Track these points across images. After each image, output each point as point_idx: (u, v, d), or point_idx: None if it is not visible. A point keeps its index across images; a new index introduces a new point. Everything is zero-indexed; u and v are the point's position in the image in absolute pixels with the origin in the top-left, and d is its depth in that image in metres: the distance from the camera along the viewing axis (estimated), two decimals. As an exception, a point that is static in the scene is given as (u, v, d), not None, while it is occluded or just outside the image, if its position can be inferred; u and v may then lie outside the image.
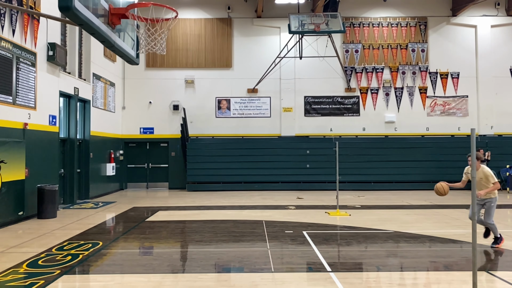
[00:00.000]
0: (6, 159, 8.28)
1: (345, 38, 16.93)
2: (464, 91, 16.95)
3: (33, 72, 9.56)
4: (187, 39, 16.77)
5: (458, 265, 5.57)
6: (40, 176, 9.73)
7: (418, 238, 7.22)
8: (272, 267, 5.41)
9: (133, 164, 16.69)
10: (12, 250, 6.41)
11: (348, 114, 16.86)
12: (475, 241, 4.15)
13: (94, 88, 13.48)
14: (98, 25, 4.39)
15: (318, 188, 15.39)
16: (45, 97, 10.16)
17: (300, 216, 9.59)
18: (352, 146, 15.98)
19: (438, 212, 10.14)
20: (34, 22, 9.62)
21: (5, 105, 8.48)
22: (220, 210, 10.79)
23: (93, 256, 6.05)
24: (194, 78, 16.71)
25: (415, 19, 17.04)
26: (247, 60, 16.84)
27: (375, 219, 9.20)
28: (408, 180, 15.79)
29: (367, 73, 16.93)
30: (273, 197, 13.51)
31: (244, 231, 7.87)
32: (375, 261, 5.76)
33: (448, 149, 15.96)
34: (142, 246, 6.93)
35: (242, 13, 16.94)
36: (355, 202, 12.03)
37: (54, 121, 10.62)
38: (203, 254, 6.23)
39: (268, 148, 16.09)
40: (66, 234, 7.62)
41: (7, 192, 8.34)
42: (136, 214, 10.17)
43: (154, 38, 4.56)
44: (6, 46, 8.53)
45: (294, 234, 7.51)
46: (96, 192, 13.51)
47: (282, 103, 16.75)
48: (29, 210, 9.18)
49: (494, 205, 6.49)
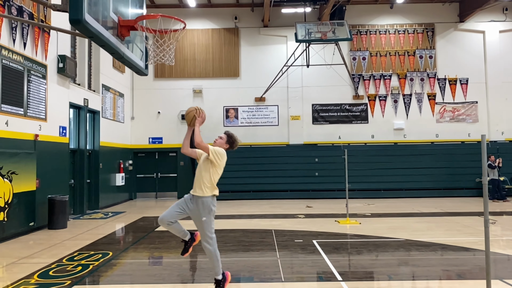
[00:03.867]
0: (17, 170, 8.38)
1: (352, 45, 16.94)
2: (474, 97, 16.81)
3: (43, 84, 9.70)
4: (195, 49, 16.91)
5: (471, 274, 5.48)
6: (51, 187, 9.81)
7: (429, 246, 7.12)
8: (282, 277, 5.37)
9: (142, 174, 16.76)
10: (23, 261, 6.45)
11: (357, 121, 16.80)
12: (488, 249, 4.09)
13: (104, 99, 13.62)
14: (107, 37, 4.45)
15: (327, 197, 15.30)
16: (56, 109, 10.28)
17: (310, 225, 9.53)
18: (361, 154, 15.90)
19: (449, 220, 10.02)
20: (45, 35, 9.79)
21: (17, 117, 8.60)
22: (229, 219, 10.77)
23: (103, 266, 6.06)
24: (202, 87, 16.81)
25: (422, 26, 17.01)
26: (254, 69, 16.91)
27: (386, 227, 9.11)
28: (418, 187, 15.64)
29: (375, 80, 16.89)
30: (282, 205, 13.45)
31: (253, 240, 7.83)
32: (387, 270, 5.69)
33: (458, 155, 15.81)
34: (151, 256, 6.93)
35: (249, 23, 17.07)
36: (365, 210, 11.93)
37: (64, 132, 10.74)
38: (213, 263, 6.20)
39: (277, 157, 16.06)
40: (76, 244, 7.65)
41: (18, 203, 8.42)
42: (145, 224, 10.18)
43: (163, 49, 4.61)
44: (18, 59, 8.68)
45: (304, 243, 7.45)
46: (106, 202, 13.57)
47: (289, 111, 16.75)
48: (40, 220, 9.24)
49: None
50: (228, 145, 5.04)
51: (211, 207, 4.51)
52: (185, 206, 4.53)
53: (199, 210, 4.47)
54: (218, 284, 4.57)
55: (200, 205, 4.47)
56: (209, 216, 4.49)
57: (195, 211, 4.49)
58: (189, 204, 4.54)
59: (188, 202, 4.55)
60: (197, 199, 4.49)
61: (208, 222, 4.48)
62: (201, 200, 4.47)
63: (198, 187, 4.52)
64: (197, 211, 4.48)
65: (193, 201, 4.53)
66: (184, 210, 4.54)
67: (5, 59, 8.24)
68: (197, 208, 4.48)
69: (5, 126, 8.20)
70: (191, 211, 4.52)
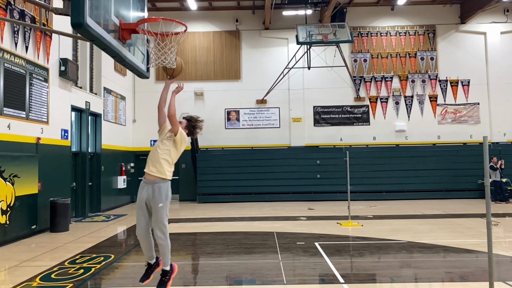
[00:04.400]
0: (19, 173, 8.39)
1: (353, 47, 16.95)
2: (475, 98, 16.79)
3: (45, 87, 9.73)
4: (196, 52, 16.94)
5: (474, 276, 5.46)
6: (53, 189, 9.82)
7: (432, 248, 7.10)
8: (284, 279, 5.36)
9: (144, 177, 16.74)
10: (25, 264, 6.45)
11: (358, 123, 16.79)
12: (491, 251, 4.07)
13: (105, 102, 13.65)
14: (109, 41, 4.46)
15: (329, 199, 15.27)
16: (57, 112, 10.31)
17: (312, 227, 9.51)
18: (362, 156, 15.88)
19: (451, 222, 9.99)
20: (47, 39, 9.82)
21: (19, 120, 8.62)
22: (230, 221, 10.76)
23: (105, 269, 6.06)
24: (203, 90, 16.84)
25: (423, 27, 17.01)
26: (255, 71, 16.93)
27: (388, 229, 9.09)
28: (420, 189, 15.59)
29: (376, 82, 16.89)
30: (283, 208, 13.44)
31: (255, 243, 7.83)
32: (389, 272, 5.67)
33: (460, 157, 15.77)
34: (153, 258, 6.92)
35: (250, 25, 17.10)
36: (367, 212, 11.91)
37: (66, 135, 10.76)
38: (215, 266, 6.21)
39: (278, 159, 16.05)
40: (78, 247, 7.66)
41: (20, 206, 8.43)
42: (147, 227, 10.17)
43: (164, 52, 4.62)
44: (20, 63, 8.71)
45: (305, 245, 7.44)
46: (108, 205, 13.58)
47: (291, 113, 16.76)
48: (42, 223, 9.25)
49: None
50: (187, 130, 4.61)
51: (168, 192, 4.31)
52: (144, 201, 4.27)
53: (156, 196, 4.22)
54: (165, 275, 4.44)
55: (156, 190, 4.23)
56: (166, 202, 4.30)
57: (152, 197, 4.22)
58: (145, 193, 4.26)
59: (144, 190, 4.28)
60: (154, 184, 4.24)
61: (164, 208, 4.26)
62: (158, 185, 4.24)
63: (156, 168, 4.25)
64: (154, 197, 4.22)
65: (149, 186, 4.26)
66: (146, 206, 4.30)
67: (7, 63, 8.27)
68: (154, 193, 4.22)
69: (7, 129, 8.22)
70: (148, 199, 4.25)
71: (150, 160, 4.34)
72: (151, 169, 4.27)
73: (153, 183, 4.26)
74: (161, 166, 4.27)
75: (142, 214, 4.33)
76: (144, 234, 4.36)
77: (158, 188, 4.24)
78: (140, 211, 4.34)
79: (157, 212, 4.25)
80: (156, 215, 4.26)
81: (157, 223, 4.27)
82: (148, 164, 4.33)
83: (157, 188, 4.24)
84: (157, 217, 4.26)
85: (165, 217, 4.29)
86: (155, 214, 4.27)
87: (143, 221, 4.33)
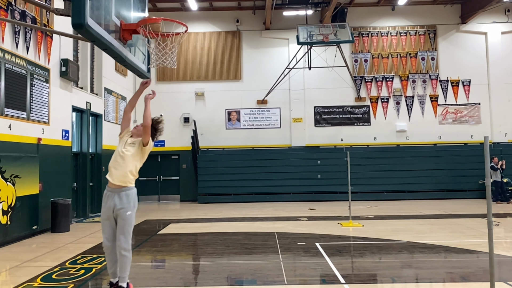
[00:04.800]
0: (20, 174, 8.40)
1: (354, 47, 16.95)
2: (476, 98, 16.78)
3: (46, 87, 9.74)
4: (197, 52, 16.95)
5: (475, 276, 5.45)
6: (54, 190, 9.83)
7: (433, 248, 7.10)
8: (285, 280, 5.36)
9: (145, 177, 16.77)
10: (27, 264, 6.45)
11: (359, 123, 16.79)
12: (492, 251, 4.07)
13: (106, 102, 13.66)
14: (110, 41, 4.46)
15: (330, 199, 15.26)
16: (58, 112, 10.32)
17: (313, 227, 9.51)
18: (363, 156, 15.88)
19: (452, 222, 9.98)
20: (48, 39, 9.83)
21: (20, 121, 8.63)
22: (231, 222, 10.76)
23: (106, 269, 6.05)
24: (204, 90, 16.85)
25: (424, 28, 17.00)
26: (256, 71, 16.94)
27: (389, 229, 9.08)
28: (421, 189, 15.58)
29: (377, 82, 16.89)
30: (284, 208, 13.43)
31: (256, 243, 7.82)
32: (390, 273, 5.67)
33: (461, 157, 15.76)
34: (154, 259, 6.93)
35: (251, 26, 17.10)
36: (368, 213, 11.90)
37: (67, 136, 10.77)
38: (215, 266, 6.20)
39: (279, 159, 16.05)
40: (79, 247, 7.66)
41: (21, 207, 8.44)
42: (148, 227, 10.19)
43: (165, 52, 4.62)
44: (21, 63, 8.72)
45: (306, 246, 7.44)
46: (109, 205, 13.57)
47: (292, 113, 16.76)
48: (43, 224, 9.26)
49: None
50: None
51: (136, 199, 4.14)
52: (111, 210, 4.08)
53: (124, 203, 4.04)
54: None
55: (124, 198, 4.06)
56: (134, 210, 4.13)
57: (120, 205, 4.03)
58: (111, 202, 4.05)
59: (110, 199, 4.08)
60: (121, 192, 4.06)
61: (132, 217, 4.10)
62: (125, 193, 4.08)
63: (122, 176, 4.06)
64: (121, 205, 4.03)
65: (115, 194, 4.07)
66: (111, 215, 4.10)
67: (8, 63, 8.28)
68: (122, 201, 4.04)
69: (8, 129, 8.23)
70: (115, 208, 4.04)
71: (114, 168, 4.14)
72: (116, 179, 4.08)
73: (119, 192, 4.09)
74: (127, 176, 4.11)
75: (109, 225, 4.13)
76: (111, 245, 4.16)
77: (126, 196, 4.09)
78: (107, 221, 4.13)
79: (124, 221, 4.05)
80: (123, 224, 4.06)
81: (123, 233, 4.06)
82: (112, 172, 4.13)
83: (125, 196, 4.09)
84: (124, 227, 4.06)
85: (132, 226, 4.11)
86: (121, 224, 4.06)
87: (110, 232, 4.13)
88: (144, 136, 4.19)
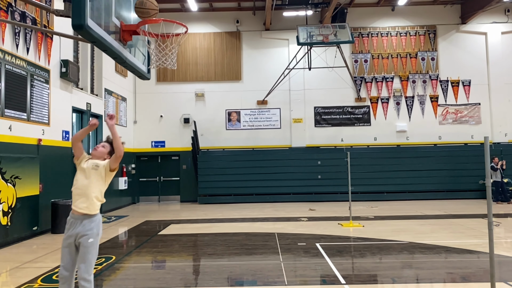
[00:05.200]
0: (20, 174, 8.41)
1: (354, 48, 16.95)
2: (476, 98, 16.78)
3: (46, 88, 9.75)
4: (197, 53, 16.96)
5: (475, 276, 5.45)
6: (54, 191, 9.83)
7: (433, 248, 7.10)
8: (286, 280, 5.36)
9: (145, 178, 16.78)
10: (27, 265, 6.46)
11: (359, 124, 16.79)
12: (492, 251, 4.07)
13: (106, 103, 13.67)
14: (110, 42, 4.47)
15: (330, 199, 15.26)
16: (58, 113, 10.32)
17: (313, 228, 9.51)
18: (363, 156, 15.87)
19: (453, 222, 9.97)
20: (48, 40, 9.84)
21: (20, 122, 8.64)
22: (232, 222, 10.76)
23: (107, 270, 6.06)
24: (204, 91, 16.85)
25: (424, 28, 17.01)
26: (256, 72, 16.94)
27: (389, 230, 9.08)
28: (421, 189, 15.57)
29: (377, 83, 16.89)
30: (285, 208, 13.43)
31: (256, 244, 7.82)
32: (390, 273, 5.67)
33: (461, 157, 15.75)
34: (155, 260, 6.93)
35: (251, 26, 17.11)
36: (368, 213, 11.90)
37: (67, 137, 10.77)
38: (216, 267, 6.21)
39: (279, 160, 16.04)
40: (79, 248, 7.65)
41: (21, 208, 8.44)
42: (148, 228, 10.19)
43: (165, 53, 4.63)
44: (21, 64, 8.72)
45: (307, 246, 7.44)
46: (109, 206, 13.58)
47: (292, 114, 16.76)
48: (43, 225, 9.26)
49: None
50: (110, 156, 4.06)
51: (100, 227, 3.92)
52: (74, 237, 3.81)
53: (87, 230, 3.79)
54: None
55: (87, 224, 3.81)
56: (97, 238, 3.85)
57: (83, 232, 3.78)
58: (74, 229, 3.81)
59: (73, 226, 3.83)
60: (85, 218, 3.82)
61: (95, 245, 3.82)
62: (90, 219, 3.83)
63: (86, 205, 3.83)
64: (84, 232, 3.78)
65: (78, 221, 3.82)
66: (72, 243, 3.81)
67: (8, 64, 8.28)
68: (85, 228, 3.79)
69: (8, 130, 8.23)
70: (78, 235, 3.79)
71: (78, 195, 3.87)
72: (80, 206, 3.83)
73: (84, 218, 3.85)
74: (93, 203, 3.88)
75: (69, 253, 3.82)
76: (69, 276, 3.85)
77: (90, 222, 3.84)
78: (66, 249, 3.83)
79: (86, 248, 3.77)
80: (84, 252, 3.76)
81: (84, 262, 3.75)
82: (76, 199, 3.87)
83: (89, 222, 3.83)
84: (85, 254, 3.76)
85: (94, 256, 3.84)
86: (82, 251, 3.77)
87: (69, 261, 3.84)
88: (114, 163, 3.96)
